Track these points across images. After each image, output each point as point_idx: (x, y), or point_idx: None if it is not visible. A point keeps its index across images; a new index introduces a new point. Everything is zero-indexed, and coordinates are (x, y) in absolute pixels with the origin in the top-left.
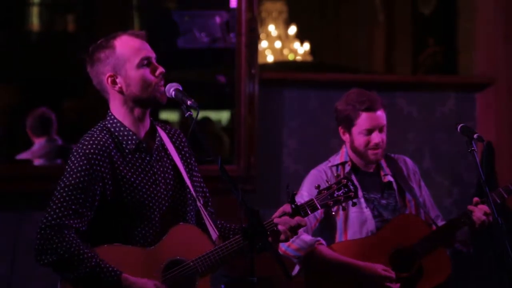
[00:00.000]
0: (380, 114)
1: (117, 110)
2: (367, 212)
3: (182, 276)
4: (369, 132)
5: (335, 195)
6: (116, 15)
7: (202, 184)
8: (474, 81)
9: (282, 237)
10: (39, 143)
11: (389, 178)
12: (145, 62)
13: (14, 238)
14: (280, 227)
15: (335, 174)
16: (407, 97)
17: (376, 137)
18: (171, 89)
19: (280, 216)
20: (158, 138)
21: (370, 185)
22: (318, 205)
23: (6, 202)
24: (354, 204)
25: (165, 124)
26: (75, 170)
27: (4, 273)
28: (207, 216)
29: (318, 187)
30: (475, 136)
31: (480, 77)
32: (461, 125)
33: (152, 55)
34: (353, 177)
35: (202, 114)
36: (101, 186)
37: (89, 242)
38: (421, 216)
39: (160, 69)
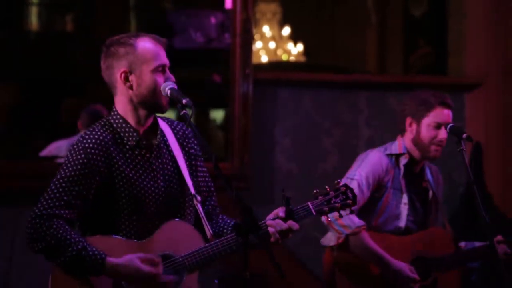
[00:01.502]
0: (450, 113)
1: (122, 106)
2: (404, 208)
3: (171, 270)
4: (438, 126)
5: (331, 202)
6: (114, 15)
7: (207, 179)
8: (464, 82)
9: (272, 239)
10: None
11: (427, 185)
12: (160, 69)
13: (12, 233)
14: (270, 229)
15: (335, 181)
16: (399, 97)
17: (443, 133)
18: (167, 88)
19: (273, 219)
20: (161, 135)
21: (413, 185)
22: (313, 211)
23: (5, 198)
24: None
25: (171, 119)
26: (72, 163)
27: (3, 267)
28: (203, 214)
29: (316, 193)
30: (464, 136)
31: (470, 78)
32: (451, 125)
33: (167, 63)
34: (403, 173)
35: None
36: (97, 180)
37: (83, 232)
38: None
39: (172, 79)
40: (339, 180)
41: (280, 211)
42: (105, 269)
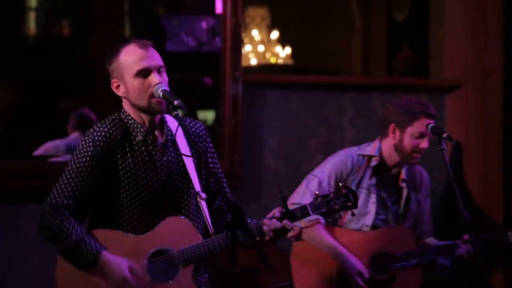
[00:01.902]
0: (433, 123)
1: (128, 109)
2: (372, 207)
3: (166, 263)
4: (422, 136)
5: (331, 204)
6: (109, 20)
7: (219, 175)
8: (444, 84)
9: (267, 238)
10: (74, 134)
11: (403, 184)
12: (141, 73)
13: (11, 230)
14: (264, 228)
15: (340, 184)
16: (382, 98)
17: (425, 142)
18: (159, 89)
19: (270, 219)
20: (168, 133)
21: (386, 185)
22: (311, 211)
23: (4, 196)
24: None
25: (184, 117)
26: (81, 155)
27: (1, 263)
28: (206, 212)
29: (316, 194)
30: (444, 135)
31: (450, 80)
32: (431, 125)
33: (152, 65)
34: (375, 174)
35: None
36: (104, 172)
37: (91, 223)
38: (418, 227)
39: (155, 81)
40: (341, 183)
41: (277, 211)
42: (98, 263)
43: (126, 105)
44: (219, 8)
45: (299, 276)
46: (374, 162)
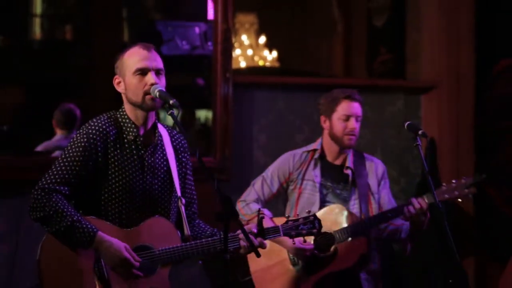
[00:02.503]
0: (357, 105)
1: (126, 106)
2: (318, 196)
3: (147, 260)
4: (347, 118)
5: (299, 228)
6: (109, 25)
7: (192, 187)
8: (420, 85)
9: (241, 250)
10: (61, 134)
11: (348, 172)
12: (139, 72)
13: (17, 221)
14: (242, 243)
15: (307, 211)
16: (363, 98)
17: (352, 123)
18: (156, 89)
19: None
20: (159, 138)
21: (331, 174)
22: (282, 233)
23: (10, 189)
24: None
25: (173, 128)
26: (75, 145)
27: (9, 252)
28: (185, 216)
29: (288, 217)
30: (420, 132)
31: (425, 81)
32: (408, 122)
33: (151, 65)
34: (318, 165)
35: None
36: (95, 165)
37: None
38: (372, 210)
39: (151, 81)
40: (309, 210)
41: (253, 227)
42: (94, 243)
43: (125, 103)
44: (210, 14)
45: (255, 267)
46: (316, 155)
